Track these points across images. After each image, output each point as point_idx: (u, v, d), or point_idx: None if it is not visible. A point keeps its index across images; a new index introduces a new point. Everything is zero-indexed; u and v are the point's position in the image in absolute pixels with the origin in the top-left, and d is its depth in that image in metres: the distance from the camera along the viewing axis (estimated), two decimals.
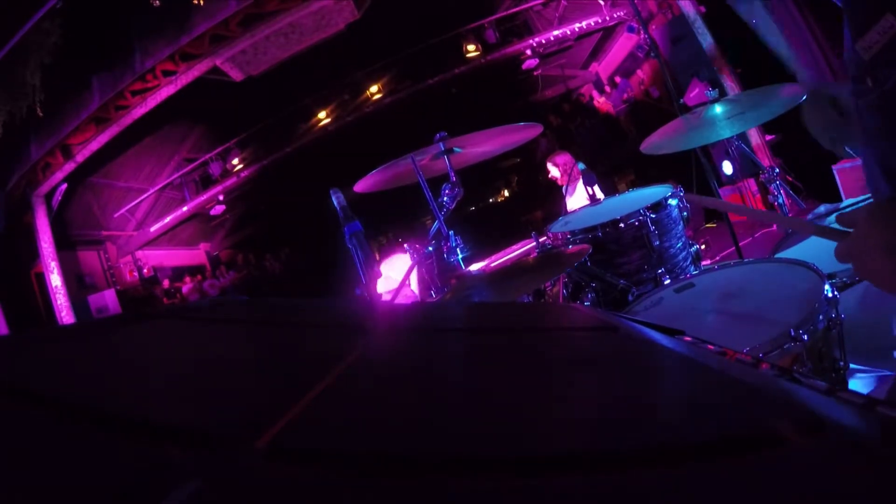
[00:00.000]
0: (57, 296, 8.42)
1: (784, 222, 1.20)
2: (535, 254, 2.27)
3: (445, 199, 2.09)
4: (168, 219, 11.43)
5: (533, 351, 0.49)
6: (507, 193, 14.20)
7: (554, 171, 5.46)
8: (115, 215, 11.01)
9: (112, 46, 7.58)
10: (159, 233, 11.59)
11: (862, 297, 1.63)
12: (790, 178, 6.03)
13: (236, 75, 8.37)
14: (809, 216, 2.44)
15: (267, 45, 7.95)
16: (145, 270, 11.46)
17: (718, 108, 2.45)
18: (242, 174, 11.17)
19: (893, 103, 0.78)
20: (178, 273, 12.20)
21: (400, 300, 3.01)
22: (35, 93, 7.29)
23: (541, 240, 2.48)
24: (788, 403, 0.36)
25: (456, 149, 2.22)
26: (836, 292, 1.36)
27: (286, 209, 12.99)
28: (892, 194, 0.85)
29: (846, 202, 2.32)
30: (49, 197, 8.63)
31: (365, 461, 0.28)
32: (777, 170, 2.63)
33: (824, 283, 1.38)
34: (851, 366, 1.36)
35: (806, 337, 1.24)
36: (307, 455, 0.29)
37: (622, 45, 10.38)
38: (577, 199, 4.94)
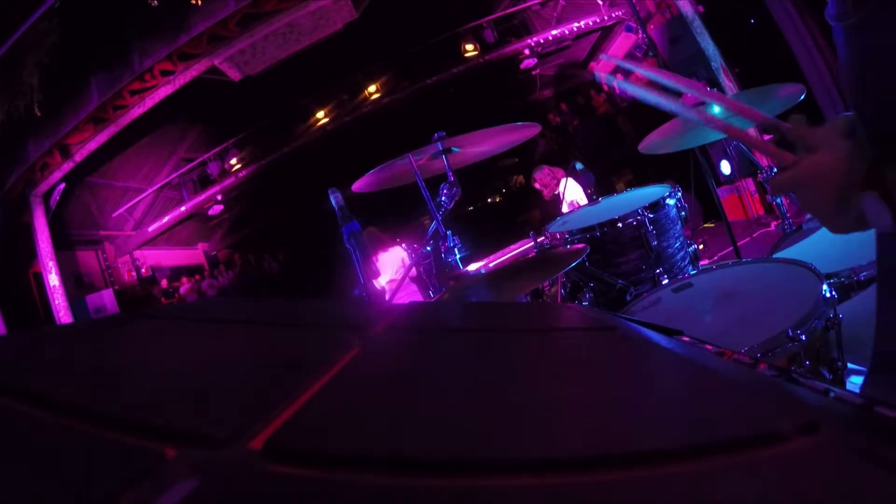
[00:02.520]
0: (55, 296, 8.41)
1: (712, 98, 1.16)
2: (533, 254, 2.27)
3: (443, 198, 2.09)
4: (166, 218, 11.43)
5: (530, 351, 0.49)
6: (505, 193, 14.20)
7: (538, 187, 5.62)
8: (114, 215, 11.00)
9: (110, 46, 7.57)
10: (157, 232, 11.58)
11: (861, 297, 1.63)
12: None
13: (234, 75, 8.37)
14: (808, 216, 2.44)
15: (265, 44, 7.95)
16: (143, 270, 11.45)
17: (716, 108, 2.45)
18: (240, 174, 11.17)
19: (870, 29, 0.76)
20: (177, 273, 12.18)
21: (399, 298, 3.02)
22: (33, 93, 7.29)
23: (539, 240, 2.48)
24: (786, 403, 0.36)
25: (454, 148, 2.22)
26: (833, 292, 1.37)
27: (284, 209, 12.99)
28: (864, 130, 0.82)
29: None
30: (47, 197, 8.62)
31: (361, 461, 0.28)
32: (775, 169, 2.63)
33: (822, 284, 1.39)
34: (850, 366, 1.36)
35: (804, 337, 1.24)
36: (303, 455, 0.29)
37: (620, 45, 10.39)
38: (570, 198, 4.99)
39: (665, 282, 2.08)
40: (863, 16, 0.76)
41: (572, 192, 4.98)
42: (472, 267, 2.51)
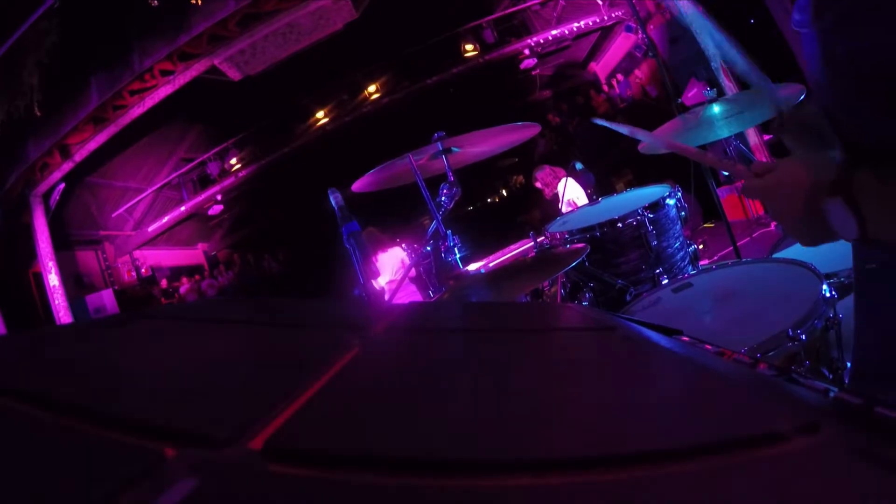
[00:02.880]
0: (55, 296, 8.41)
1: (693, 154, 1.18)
2: (533, 254, 2.27)
3: (443, 198, 2.08)
4: (166, 218, 11.43)
5: (530, 351, 0.49)
6: (505, 193, 14.20)
7: (540, 186, 5.62)
8: (113, 215, 11.00)
9: (110, 46, 7.57)
10: (157, 232, 11.58)
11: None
12: None
13: (234, 75, 8.36)
14: None
15: (265, 44, 7.94)
16: (143, 270, 11.45)
17: (716, 108, 2.45)
18: (240, 174, 11.17)
19: (832, 36, 0.76)
20: (176, 273, 12.18)
21: (399, 298, 3.02)
22: (33, 92, 7.28)
23: (539, 240, 2.48)
24: (786, 403, 0.36)
25: (454, 148, 2.22)
26: (833, 292, 1.37)
27: (284, 209, 12.99)
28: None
29: None
30: (47, 197, 8.62)
31: (361, 461, 0.28)
32: None
33: (822, 283, 1.39)
34: (849, 365, 1.36)
35: (804, 337, 1.24)
36: (303, 455, 0.29)
37: (620, 45, 10.39)
38: (569, 198, 4.98)
39: (665, 282, 2.08)
40: (825, 22, 0.76)
41: (571, 191, 4.98)
42: (472, 267, 2.51)
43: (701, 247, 2.63)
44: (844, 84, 0.77)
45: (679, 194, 2.30)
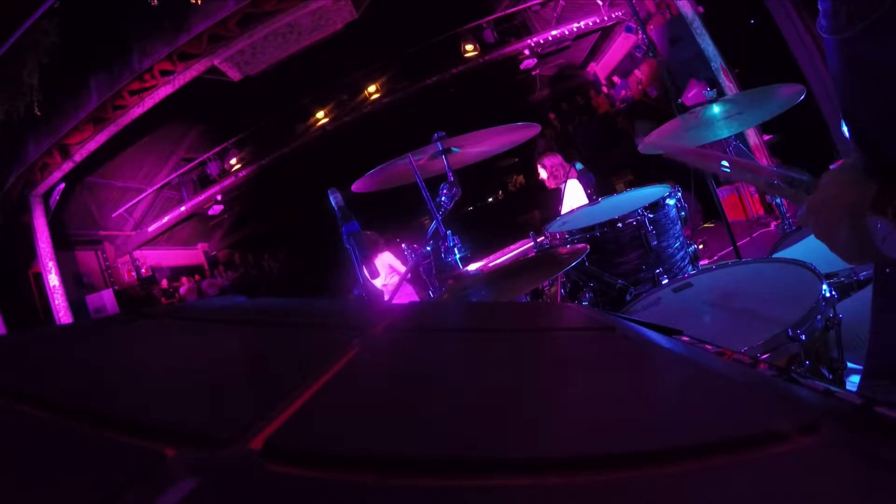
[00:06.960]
0: (55, 296, 8.40)
1: (746, 169, 1.17)
2: (533, 254, 2.27)
3: (443, 198, 2.08)
4: (166, 219, 11.42)
5: (530, 351, 0.49)
6: (505, 193, 14.20)
7: (542, 173, 5.41)
8: (113, 215, 10.99)
9: (110, 46, 7.56)
10: (157, 233, 11.57)
11: (861, 296, 1.63)
12: None
13: (234, 75, 8.36)
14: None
15: (265, 44, 7.94)
16: (143, 270, 11.44)
17: (716, 108, 2.45)
18: (240, 174, 11.16)
19: (864, 45, 0.75)
20: (176, 273, 12.18)
21: (398, 299, 3.02)
22: (33, 92, 7.28)
23: (539, 240, 2.48)
24: (785, 403, 0.36)
25: (454, 148, 2.22)
26: (833, 292, 1.37)
27: (284, 209, 12.98)
28: (855, 146, 0.81)
29: None
30: (47, 197, 8.61)
31: (361, 461, 0.28)
32: (775, 169, 2.63)
33: (822, 283, 1.39)
34: (849, 365, 1.36)
35: (804, 337, 1.24)
36: (303, 455, 0.29)
37: (620, 45, 10.39)
38: (570, 200, 4.93)
39: (665, 282, 2.08)
40: (857, 31, 0.75)
41: (572, 193, 4.96)
42: (472, 267, 2.51)
43: (701, 247, 2.64)
44: (874, 93, 0.76)
45: (679, 194, 2.30)
